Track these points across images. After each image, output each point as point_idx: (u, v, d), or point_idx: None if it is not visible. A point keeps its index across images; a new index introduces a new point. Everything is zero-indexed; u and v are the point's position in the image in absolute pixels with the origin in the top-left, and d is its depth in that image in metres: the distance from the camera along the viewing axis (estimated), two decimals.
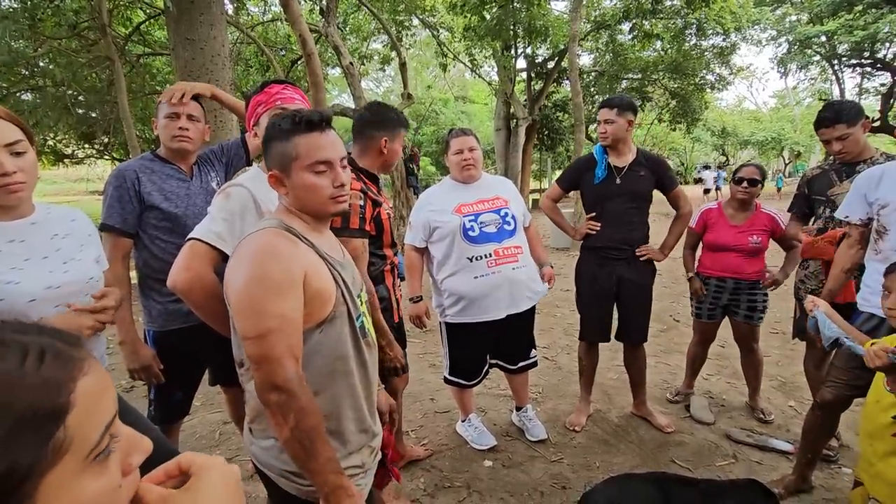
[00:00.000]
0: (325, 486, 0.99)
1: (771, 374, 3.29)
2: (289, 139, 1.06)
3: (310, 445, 0.96)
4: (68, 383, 0.37)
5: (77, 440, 0.37)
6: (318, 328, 1.04)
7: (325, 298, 1.04)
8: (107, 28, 6.11)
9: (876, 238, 1.84)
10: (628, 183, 2.51)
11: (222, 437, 2.73)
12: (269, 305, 0.95)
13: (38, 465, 0.35)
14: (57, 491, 0.36)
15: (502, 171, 14.82)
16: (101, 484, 0.39)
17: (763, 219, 2.68)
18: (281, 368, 0.94)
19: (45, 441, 0.35)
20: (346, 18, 11.38)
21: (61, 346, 0.39)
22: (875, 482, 1.49)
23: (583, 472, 2.33)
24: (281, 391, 0.94)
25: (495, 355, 2.52)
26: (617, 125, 2.47)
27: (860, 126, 2.17)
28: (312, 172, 1.06)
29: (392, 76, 25.85)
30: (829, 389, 1.91)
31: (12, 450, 0.33)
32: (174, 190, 1.78)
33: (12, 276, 1.14)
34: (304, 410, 0.95)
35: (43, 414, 0.35)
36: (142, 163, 1.78)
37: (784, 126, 30.16)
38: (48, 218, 1.27)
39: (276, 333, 0.95)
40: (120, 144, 12.15)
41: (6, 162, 1.10)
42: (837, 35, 14.25)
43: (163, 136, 1.79)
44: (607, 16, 12.57)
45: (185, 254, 1.23)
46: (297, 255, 1.01)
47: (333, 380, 1.08)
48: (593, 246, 2.62)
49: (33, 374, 0.36)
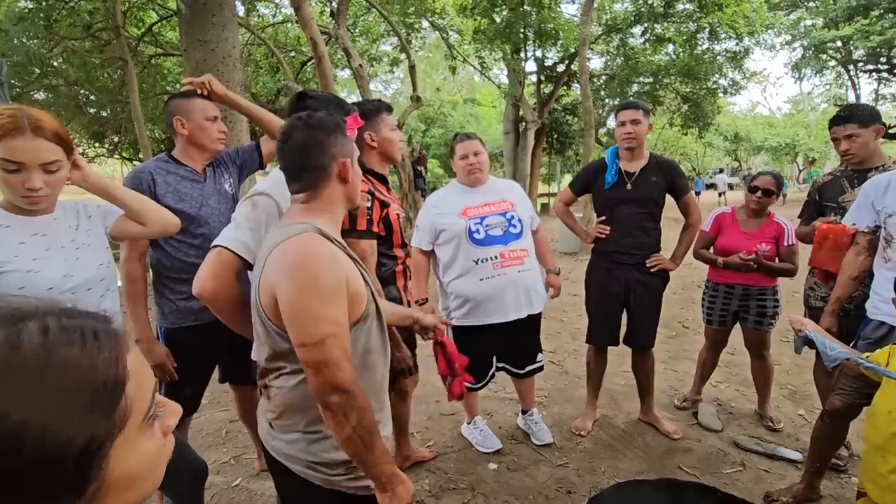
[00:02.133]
0: (382, 477, 1.03)
1: (781, 382, 3.25)
2: (346, 134, 1.19)
3: (369, 440, 1.00)
4: (122, 357, 0.42)
5: (135, 407, 0.42)
6: (354, 327, 1.08)
7: (360, 299, 1.08)
8: (120, 29, 6.21)
9: (884, 246, 1.82)
10: (639, 188, 2.49)
11: (229, 436, 2.75)
12: (324, 311, 0.98)
13: (111, 431, 0.40)
14: (123, 452, 0.41)
15: (511, 175, 14.80)
16: (153, 444, 0.46)
17: (773, 228, 2.65)
18: (340, 371, 0.98)
19: (113, 410, 0.40)
20: (356, 21, 11.46)
21: (106, 326, 0.43)
22: (887, 495, 1.46)
23: (588, 476, 2.32)
24: (342, 392, 0.98)
25: (502, 359, 2.50)
26: (642, 126, 2.44)
27: (872, 130, 2.14)
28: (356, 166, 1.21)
29: (401, 78, 25.93)
30: (839, 397, 1.88)
31: (91, 422, 0.38)
32: (188, 191, 1.81)
33: (33, 265, 1.25)
34: (363, 408, 1.00)
35: (111, 388, 0.40)
36: (157, 164, 1.82)
37: (798, 132, 29.83)
38: (64, 212, 1.37)
39: (332, 338, 0.98)
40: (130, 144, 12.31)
41: (36, 180, 1.21)
42: (853, 40, 14.07)
43: (200, 136, 1.84)
44: (619, 19, 12.52)
45: (211, 262, 1.24)
46: (339, 260, 1.04)
47: (364, 374, 1.12)
48: (604, 250, 2.60)
49: (96, 354, 0.40)
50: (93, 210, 1.44)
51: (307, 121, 1.13)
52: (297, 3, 4.88)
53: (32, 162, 1.19)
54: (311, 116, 1.14)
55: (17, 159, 1.18)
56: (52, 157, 1.22)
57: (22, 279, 1.21)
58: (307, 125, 1.12)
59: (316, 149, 1.11)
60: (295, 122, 1.13)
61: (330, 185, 1.13)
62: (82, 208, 1.43)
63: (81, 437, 0.37)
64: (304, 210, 1.12)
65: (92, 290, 1.35)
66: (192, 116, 1.82)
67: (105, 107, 10.07)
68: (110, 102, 9.64)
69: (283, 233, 1.07)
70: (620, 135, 2.48)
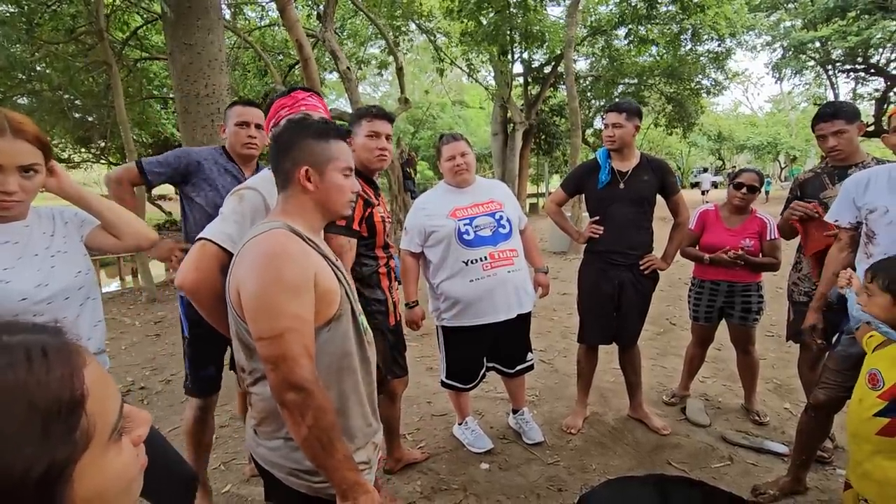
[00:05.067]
0: (342, 483, 1.00)
1: (766, 376, 3.30)
2: (328, 141, 1.13)
3: (328, 443, 0.97)
4: (77, 374, 0.38)
5: (99, 423, 0.40)
6: (325, 327, 1.06)
7: (332, 298, 1.06)
8: (104, 33, 6.13)
9: (866, 242, 1.86)
10: (632, 187, 2.51)
11: (219, 441, 2.72)
12: (286, 306, 0.97)
13: (73, 454, 0.37)
14: (90, 471, 0.39)
15: (499, 176, 14.86)
16: (123, 458, 0.43)
17: (756, 223, 2.70)
18: (298, 367, 0.96)
19: (72, 432, 0.37)
20: (344, 23, 11.45)
21: (56, 341, 0.39)
22: (863, 482, 1.49)
23: (579, 474, 2.34)
24: (299, 390, 0.95)
25: (492, 359, 2.52)
26: (625, 129, 2.47)
27: (856, 126, 2.19)
28: (343, 175, 1.15)
29: (389, 81, 25.93)
30: (822, 391, 1.92)
31: (49, 446, 0.35)
32: (226, 184, 1.93)
33: (4, 275, 1.17)
34: (322, 409, 0.97)
35: (66, 409, 0.37)
36: (211, 152, 1.99)
37: (780, 130, 30.37)
38: (38, 219, 1.31)
39: (292, 333, 0.97)
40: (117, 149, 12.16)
41: (11, 183, 1.15)
42: (831, 41, 14.36)
43: (232, 141, 1.99)
44: (603, 21, 12.67)
45: (195, 254, 1.23)
46: (307, 257, 1.04)
47: (341, 377, 1.10)
48: (597, 250, 2.61)
49: (45, 373, 0.36)
50: (69, 216, 1.39)
51: (289, 124, 1.16)
52: (282, 5, 4.87)
53: (10, 164, 1.13)
54: (300, 120, 1.16)
55: None
56: (31, 161, 1.17)
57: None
58: (288, 128, 1.14)
59: (284, 152, 1.13)
60: (285, 122, 1.17)
61: (293, 191, 1.13)
62: (58, 214, 1.37)
63: (39, 465, 0.34)
64: (280, 210, 1.14)
65: (70, 299, 1.28)
66: (228, 122, 1.99)
67: (90, 111, 9.93)
68: (95, 107, 9.51)
69: (256, 229, 1.09)
70: (604, 136, 2.54)
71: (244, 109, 1.98)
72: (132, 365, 4.10)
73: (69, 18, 7.05)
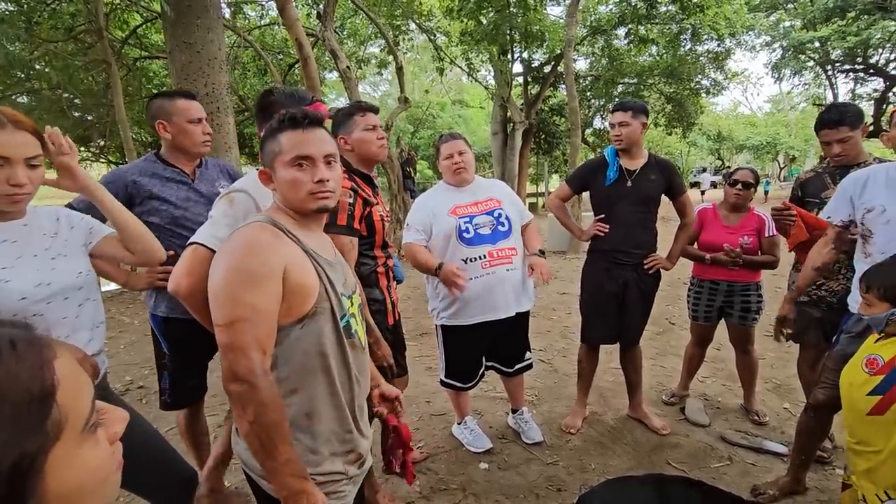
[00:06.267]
0: (283, 489, 0.96)
1: (766, 376, 3.30)
2: (275, 136, 1.09)
3: (268, 442, 0.94)
4: (48, 365, 0.39)
5: (71, 415, 0.39)
6: (298, 323, 1.03)
7: (306, 293, 1.03)
8: (103, 31, 6.12)
9: (863, 242, 1.86)
10: (639, 186, 2.50)
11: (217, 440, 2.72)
12: (242, 295, 0.96)
13: (43, 445, 0.37)
14: (62, 463, 0.38)
15: (499, 175, 14.85)
16: (97, 452, 0.43)
17: (754, 220, 2.70)
18: (244, 358, 0.94)
19: (43, 422, 0.37)
20: (343, 23, 11.43)
21: (25, 333, 0.40)
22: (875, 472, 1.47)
23: (578, 474, 2.34)
24: (242, 382, 0.93)
25: (491, 358, 2.52)
26: (632, 128, 2.46)
27: (861, 130, 2.16)
28: (293, 167, 1.07)
29: (389, 80, 25.89)
30: (822, 391, 1.92)
31: (18, 438, 0.35)
32: (172, 193, 1.81)
33: (3, 274, 1.17)
34: (265, 405, 0.93)
35: (37, 399, 0.37)
36: (144, 165, 1.81)
37: (779, 130, 30.41)
38: (37, 218, 1.30)
39: (244, 323, 0.95)
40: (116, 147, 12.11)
41: (21, 175, 1.16)
42: (831, 41, 14.37)
43: (184, 141, 1.81)
44: (603, 21, 12.66)
45: (187, 259, 1.22)
46: (278, 249, 1.01)
47: (314, 378, 1.07)
48: (601, 249, 2.59)
49: (14, 364, 0.36)
50: (76, 221, 1.37)
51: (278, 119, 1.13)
52: (281, 4, 4.86)
53: (17, 156, 1.14)
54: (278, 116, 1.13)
55: (2, 154, 1.12)
56: (35, 152, 1.18)
57: None
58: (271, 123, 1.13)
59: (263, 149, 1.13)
60: None
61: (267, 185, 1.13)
62: (64, 217, 1.35)
63: (9, 455, 0.34)
64: (271, 207, 1.14)
65: (69, 299, 1.28)
66: (175, 119, 1.78)
67: (90, 110, 9.91)
68: (95, 106, 9.49)
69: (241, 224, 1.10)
70: (612, 136, 2.52)
71: (193, 105, 1.81)
72: (131, 364, 4.09)
73: (68, 17, 7.03)
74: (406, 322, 4.52)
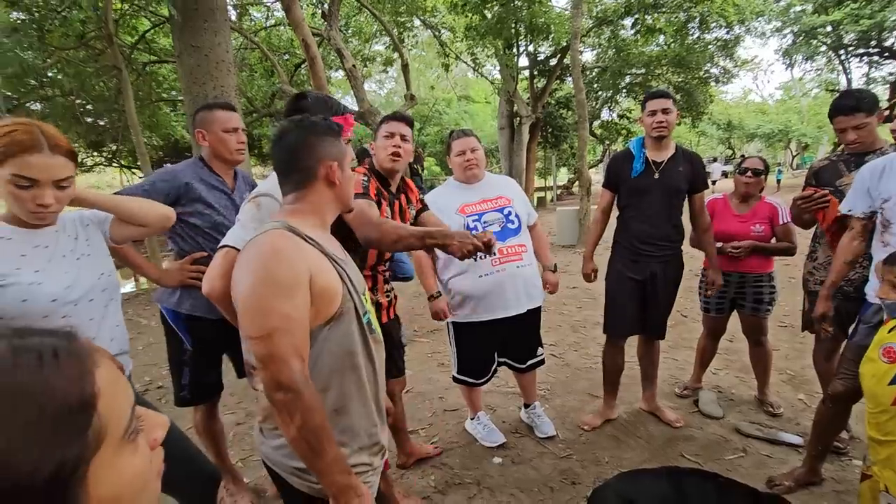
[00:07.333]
0: (332, 486, 1.00)
1: (780, 367, 3.28)
2: (339, 138, 1.19)
3: (316, 444, 0.97)
4: (88, 375, 0.40)
5: (112, 424, 0.40)
6: (326, 325, 1.05)
7: (332, 296, 1.05)
8: (113, 37, 6.20)
9: (882, 230, 1.83)
10: (667, 177, 2.45)
11: (236, 438, 2.77)
12: (275, 305, 0.97)
13: (85, 453, 0.38)
14: (103, 471, 0.39)
15: (507, 170, 14.82)
16: (137, 459, 0.44)
17: (765, 208, 2.68)
18: (286, 367, 0.96)
19: (84, 431, 0.38)
20: (348, 21, 11.44)
21: (67, 344, 0.40)
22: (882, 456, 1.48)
23: (592, 467, 2.35)
24: (287, 390, 0.95)
25: (504, 354, 2.53)
26: (673, 115, 2.41)
27: (876, 116, 2.12)
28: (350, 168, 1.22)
29: (395, 77, 25.90)
30: (840, 381, 1.90)
31: (58, 447, 0.36)
32: (216, 200, 1.91)
33: (36, 277, 1.23)
34: (310, 409, 0.96)
35: (76, 409, 0.38)
36: (194, 169, 1.91)
37: (791, 118, 29.88)
38: (63, 224, 1.36)
39: (281, 333, 0.96)
40: (128, 152, 12.30)
41: (48, 196, 1.20)
42: (843, 24, 14.10)
43: (220, 149, 1.92)
44: (609, 11, 12.54)
45: (220, 261, 1.25)
46: (302, 255, 1.03)
47: (343, 375, 1.10)
48: (628, 241, 2.55)
49: (55, 375, 0.37)
50: (89, 218, 1.43)
51: (298, 123, 1.14)
52: (287, 5, 4.89)
53: (47, 179, 1.18)
54: (304, 119, 1.16)
55: (32, 176, 1.16)
56: (66, 174, 1.22)
57: (24, 291, 1.20)
58: (298, 127, 1.14)
59: (303, 150, 1.12)
60: (287, 123, 1.15)
61: (316, 187, 1.13)
62: (79, 218, 1.42)
63: (48, 465, 0.35)
64: (288, 211, 1.13)
65: (94, 301, 1.33)
66: (213, 128, 1.90)
67: (102, 115, 10.07)
68: (107, 111, 9.65)
69: (256, 231, 1.10)
70: (651, 124, 2.42)
71: (230, 115, 1.92)
72: (149, 364, 4.17)
73: (79, 24, 7.13)
74: (417, 318, 4.46)
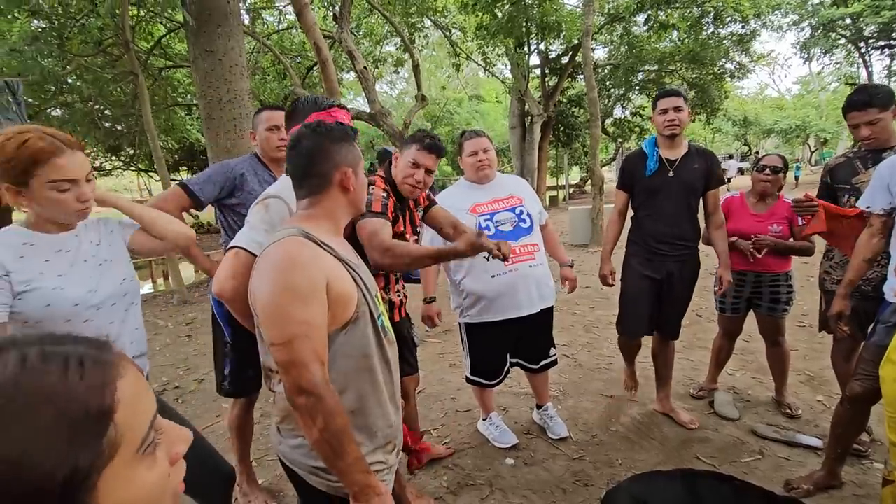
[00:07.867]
0: (354, 486, 1.02)
1: (798, 368, 3.22)
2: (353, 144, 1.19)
3: (338, 446, 1.00)
4: (110, 385, 0.40)
5: (127, 435, 0.41)
6: (342, 329, 1.08)
7: (347, 301, 1.07)
8: (130, 44, 6.32)
9: None
10: (681, 175, 2.44)
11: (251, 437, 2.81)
12: (295, 313, 0.99)
13: (97, 462, 0.38)
14: (116, 482, 0.40)
15: (518, 169, 14.77)
16: (153, 473, 0.44)
17: (784, 207, 2.63)
18: (308, 372, 0.98)
19: (99, 440, 0.39)
20: (359, 23, 11.51)
21: (96, 353, 0.41)
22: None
23: (605, 469, 2.33)
24: (309, 394, 0.98)
25: (516, 355, 2.52)
26: (685, 113, 2.41)
27: (891, 112, 2.09)
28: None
29: (406, 78, 25.98)
30: (859, 382, 1.87)
31: (72, 453, 0.37)
32: None
33: (58, 282, 1.25)
34: (332, 412, 0.99)
35: (94, 417, 0.39)
36: (250, 163, 2.03)
37: (809, 113, 29.27)
38: (85, 228, 1.38)
39: (301, 339, 0.99)
40: (145, 155, 12.54)
41: (88, 191, 1.25)
42: (863, 16, 13.78)
43: (264, 146, 2.03)
44: (621, 8, 12.42)
45: (230, 262, 1.26)
46: (319, 263, 1.05)
47: (359, 377, 1.12)
48: (644, 240, 2.54)
49: (78, 383, 0.38)
50: (113, 225, 1.46)
51: (315, 128, 1.15)
52: (298, 9, 4.93)
53: (82, 175, 1.23)
54: (320, 124, 1.17)
55: (70, 177, 1.20)
56: (90, 167, 1.27)
57: (48, 296, 1.21)
58: (314, 132, 1.15)
59: (319, 156, 1.13)
60: (303, 129, 1.16)
61: (331, 193, 1.15)
62: (103, 224, 1.44)
63: (63, 469, 0.36)
64: (303, 216, 1.15)
65: (116, 305, 1.35)
66: (259, 127, 2.03)
67: (119, 120, 10.27)
68: (124, 116, 9.84)
69: (272, 237, 1.11)
70: (663, 122, 2.42)
71: (272, 114, 2.03)
72: (167, 365, 4.25)
73: (97, 31, 7.29)
74: None
